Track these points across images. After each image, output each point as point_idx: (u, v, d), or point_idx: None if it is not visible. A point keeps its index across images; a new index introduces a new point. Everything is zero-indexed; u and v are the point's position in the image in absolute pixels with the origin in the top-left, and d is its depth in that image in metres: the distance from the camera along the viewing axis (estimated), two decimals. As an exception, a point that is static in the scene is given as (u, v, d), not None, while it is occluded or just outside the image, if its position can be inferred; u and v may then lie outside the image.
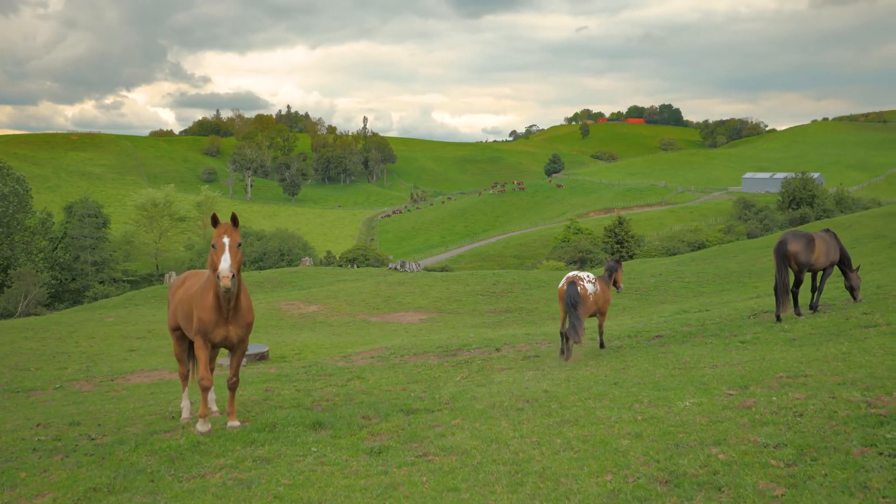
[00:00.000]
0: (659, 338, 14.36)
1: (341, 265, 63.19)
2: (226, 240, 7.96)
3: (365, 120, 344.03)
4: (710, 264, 38.73)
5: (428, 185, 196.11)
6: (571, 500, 5.55)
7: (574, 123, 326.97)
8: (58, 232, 74.00)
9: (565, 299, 12.68)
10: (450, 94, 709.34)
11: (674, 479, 5.66)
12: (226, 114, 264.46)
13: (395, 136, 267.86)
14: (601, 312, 13.65)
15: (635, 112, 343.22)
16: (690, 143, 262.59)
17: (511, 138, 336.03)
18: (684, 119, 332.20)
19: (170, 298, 9.65)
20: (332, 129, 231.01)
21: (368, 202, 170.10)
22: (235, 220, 8.13)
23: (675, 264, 40.68)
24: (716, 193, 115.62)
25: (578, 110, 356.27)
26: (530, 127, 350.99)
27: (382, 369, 14.01)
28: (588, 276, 13.22)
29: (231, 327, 8.47)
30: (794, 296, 13.97)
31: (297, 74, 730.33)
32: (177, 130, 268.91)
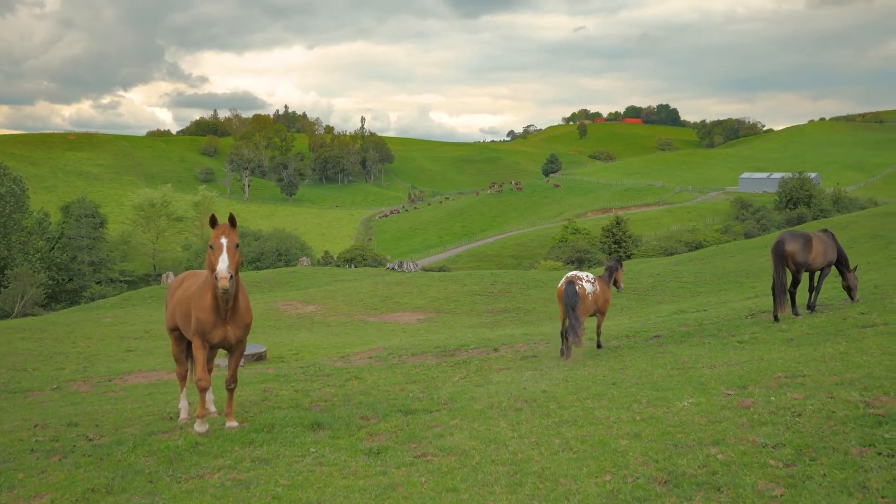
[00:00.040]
0: (657, 338, 14.36)
1: (339, 265, 63.17)
2: (224, 241, 7.93)
3: (362, 120, 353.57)
4: (707, 264, 38.74)
5: (425, 185, 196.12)
6: (570, 501, 5.55)
7: (572, 123, 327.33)
8: (55, 232, 73.77)
9: (564, 299, 12.66)
10: (447, 94, 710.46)
11: (673, 479, 5.67)
12: (223, 114, 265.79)
13: (393, 135, 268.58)
14: (601, 312, 13.63)
15: (633, 112, 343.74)
16: (688, 143, 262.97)
17: (509, 138, 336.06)
18: (682, 119, 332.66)
19: (168, 299, 9.64)
20: (329, 129, 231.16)
21: (366, 202, 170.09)
22: (233, 221, 8.11)
23: (673, 264, 40.69)
24: (713, 193, 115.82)
25: (576, 110, 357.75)
26: (528, 127, 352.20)
27: (380, 369, 13.99)
28: (587, 275, 13.21)
29: (229, 328, 8.45)
30: (792, 296, 13.99)
31: (294, 74, 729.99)
32: (174, 130, 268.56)
